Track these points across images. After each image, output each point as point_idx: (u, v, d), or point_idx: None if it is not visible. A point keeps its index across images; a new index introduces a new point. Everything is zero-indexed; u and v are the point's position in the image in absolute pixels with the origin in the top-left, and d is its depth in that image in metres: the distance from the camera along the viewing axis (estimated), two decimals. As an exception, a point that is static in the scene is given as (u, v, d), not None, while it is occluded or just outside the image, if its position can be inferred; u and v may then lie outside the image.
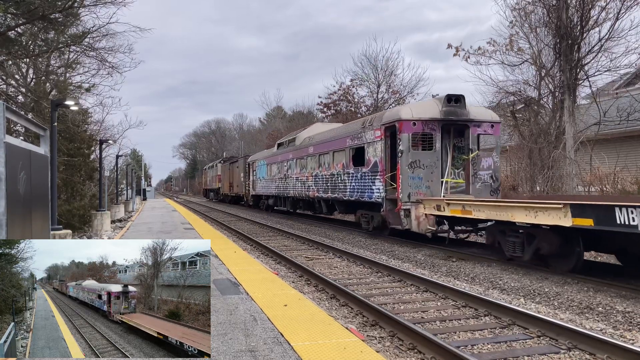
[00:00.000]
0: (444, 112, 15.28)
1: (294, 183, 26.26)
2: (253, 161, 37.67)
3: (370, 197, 16.95)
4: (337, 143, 20.26)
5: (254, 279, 8.76)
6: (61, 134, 22.15)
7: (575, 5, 19.60)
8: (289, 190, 27.09)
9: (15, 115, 8.18)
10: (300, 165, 25.23)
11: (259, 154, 37.88)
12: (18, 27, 17.74)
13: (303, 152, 24.82)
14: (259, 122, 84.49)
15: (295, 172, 26.06)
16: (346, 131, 19.93)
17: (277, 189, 29.76)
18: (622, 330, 6.68)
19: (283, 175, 28.36)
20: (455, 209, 12.21)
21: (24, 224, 7.09)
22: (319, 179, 22.16)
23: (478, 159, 15.53)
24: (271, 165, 31.45)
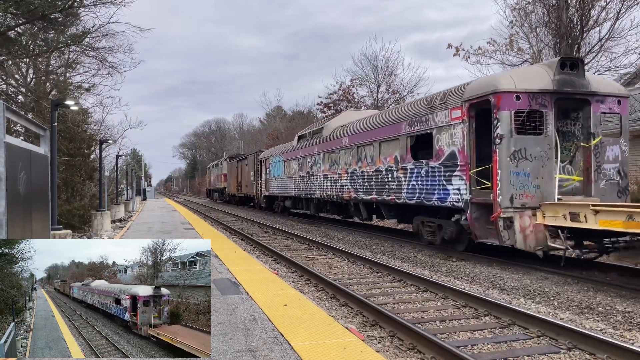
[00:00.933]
0: (558, 82, 11.21)
1: (320, 182, 22.08)
2: (266, 158, 33.18)
3: (443, 200, 12.80)
4: (386, 131, 16.09)
5: (254, 278, 8.76)
6: (61, 134, 22.15)
7: (575, 5, 19.61)
8: (314, 190, 22.97)
9: (15, 115, 8.18)
10: (329, 160, 21.11)
11: (274, 149, 33.41)
12: (18, 27, 17.73)
13: (334, 144, 20.60)
14: (259, 122, 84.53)
15: (322, 169, 21.91)
16: (401, 115, 15.46)
17: (298, 188, 25.56)
18: (622, 330, 6.68)
19: (305, 173, 24.17)
20: (612, 219, 8.74)
21: (24, 224, 7.09)
22: (357, 177, 18.12)
23: (602, 147, 11.63)
24: (289, 162, 27.28)
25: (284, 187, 28.56)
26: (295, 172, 26.13)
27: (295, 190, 26.19)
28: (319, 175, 22.34)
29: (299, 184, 25.27)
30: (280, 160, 29.15)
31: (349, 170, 18.90)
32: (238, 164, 44.22)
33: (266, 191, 33.03)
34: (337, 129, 21.28)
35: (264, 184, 33.71)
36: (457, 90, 12.79)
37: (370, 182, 17.17)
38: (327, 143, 21.52)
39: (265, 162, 33.04)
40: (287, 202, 28.42)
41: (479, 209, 11.68)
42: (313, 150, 23.26)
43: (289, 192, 27.50)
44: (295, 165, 26.08)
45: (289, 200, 28.14)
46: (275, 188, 30.65)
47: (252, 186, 38.15)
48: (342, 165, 19.62)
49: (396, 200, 15.41)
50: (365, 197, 17.58)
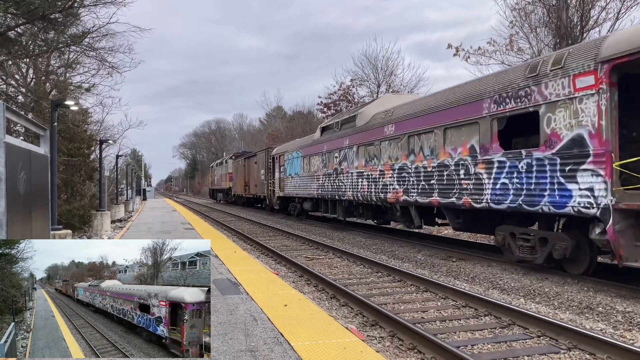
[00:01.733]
0: None
1: (353, 181, 18.51)
2: (280, 154, 29.45)
3: (560, 205, 9.36)
4: (456, 112, 12.37)
5: (254, 279, 8.76)
6: (61, 134, 22.16)
7: (575, 5, 19.62)
8: (343, 190, 19.31)
9: (15, 115, 8.18)
10: (366, 154, 17.60)
11: (290, 144, 29.48)
12: (18, 27, 17.74)
13: (372, 134, 17.00)
14: (259, 122, 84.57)
15: (355, 165, 18.38)
16: (480, 90, 11.73)
17: (321, 189, 21.88)
18: (622, 330, 6.68)
19: (332, 171, 20.63)
20: None
21: (24, 224, 7.09)
22: (409, 175, 14.43)
23: None
24: (310, 158, 23.63)
25: (302, 186, 24.77)
26: (317, 169, 22.48)
27: (318, 191, 22.41)
28: (350, 172, 18.77)
29: (323, 184, 21.64)
30: (299, 157, 25.38)
31: (395, 165, 15.30)
32: (246, 162, 40.40)
33: (280, 191, 29.19)
34: (377, 115, 17.29)
35: (277, 183, 29.87)
36: (584, 48, 9.22)
37: (429, 181, 13.43)
38: (362, 134, 17.81)
39: (279, 159, 29.41)
40: (307, 204, 25.05)
41: (627, 218, 8.29)
42: (342, 143, 19.61)
43: (309, 192, 23.81)
44: (318, 161, 22.43)
45: (308, 202, 24.84)
46: (291, 188, 26.86)
47: (262, 186, 34.17)
48: (384, 160, 16.07)
49: (473, 204, 11.66)
50: (422, 200, 13.75)
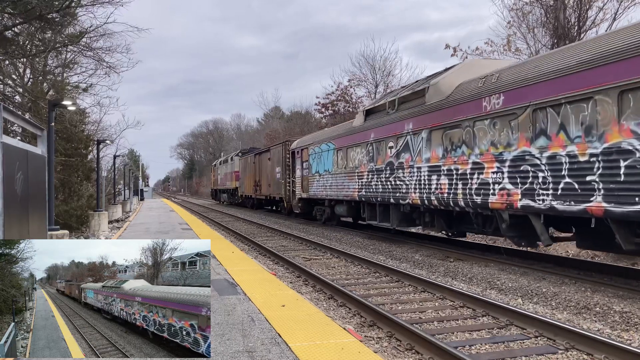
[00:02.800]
0: None
1: (422, 178, 13.62)
2: (302, 148, 24.54)
3: None
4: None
5: (251, 279, 8.76)
6: (58, 134, 22.12)
7: (572, 5, 19.67)
8: (404, 191, 14.47)
9: (13, 115, 8.17)
10: (446, 141, 12.63)
11: (316, 135, 24.57)
12: (15, 26, 17.71)
13: (459, 112, 12.10)
14: (257, 123, 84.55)
15: (426, 157, 13.44)
16: None
17: (366, 189, 17.04)
18: (619, 330, 6.70)
19: (384, 165, 15.77)
20: None
21: (21, 224, 7.08)
22: (538, 167, 9.79)
23: None
24: (347, 151, 18.83)
25: (335, 186, 19.88)
26: (359, 164, 17.69)
27: (360, 192, 17.53)
28: (416, 167, 13.89)
29: (369, 182, 16.85)
30: (329, 150, 20.59)
31: (505, 155, 10.70)
32: (256, 159, 35.58)
33: (302, 192, 24.11)
34: (466, 86, 12.19)
35: (298, 182, 24.87)
36: None
37: (582, 177, 8.80)
38: (438, 113, 12.89)
39: (301, 153, 24.38)
40: (340, 207, 20.25)
41: None
42: (402, 128, 14.65)
43: (345, 193, 18.88)
44: (361, 154, 17.60)
45: (342, 206, 20.00)
46: (318, 188, 21.89)
47: (278, 186, 29.29)
48: (482, 147, 11.41)
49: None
50: (564, 206, 9.16)
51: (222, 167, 53.13)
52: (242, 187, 41.60)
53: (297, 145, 25.89)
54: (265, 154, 33.35)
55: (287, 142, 28.40)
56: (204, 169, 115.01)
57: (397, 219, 15.59)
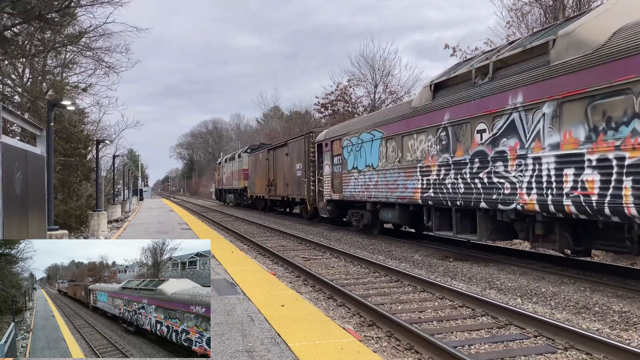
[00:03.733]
0: None
1: (541, 173, 9.65)
2: (332, 139, 20.17)
3: None
4: None
5: (251, 279, 8.76)
6: (58, 134, 22.12)
7: (571, 5, 19.68)
8: (509, 192, 10.46)
9: (12, 115, 8.17)
10: (593, 117, 8.62)
11: (352, 123, 20.18)
12: (14, 26, 17.71)
13: (622, 69, 8.01)
14: (256, 123, 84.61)
15: (550, 143, 9.47)
16: None
17: (435, 188, 12.93)
18: (618, 330, 6.70)
19: (468, 158, 11.70)
20: None
21: (20, 224, 7.09)
22: None
23: None
24: (403, 139, 14.67)
25: (383, 186, 15.84)
26: (424, 155, 13.44)
27: (426, 193, 13.25)
28: (532, 157, 9.88)
29: (441, 180, 12.61)
30: (374, 139, 16.40)
31: None
32: (270, 155, 31.53)
33: (333, 193, 19.86)
34: (630, 31, 8.26)
35: (327, 181, 20.53)
36: None
37: None
38: (580, 75, 8.85)
39: (331, 146, 20.19)
40: (389, 212, 15.88)
41: None
42: (502, 102, 10.71)
43: (401, 194, 14.61)
44: (426, 142, 13.37)
45: (392, 210, 15.64)
46: (356, 188, 17.71)
47: (297, 185, 25.28)
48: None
49: None
50: None
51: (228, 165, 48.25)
52: (252, 187, 37.51)
53: (325, 136, 21.18)
54: (281, 149, 28.99)
55: (311, 133, 23.88)
56: (203, 169, 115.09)
57: (488, 230, 11.46)
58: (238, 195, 43.99)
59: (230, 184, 46.63)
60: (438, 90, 13.32)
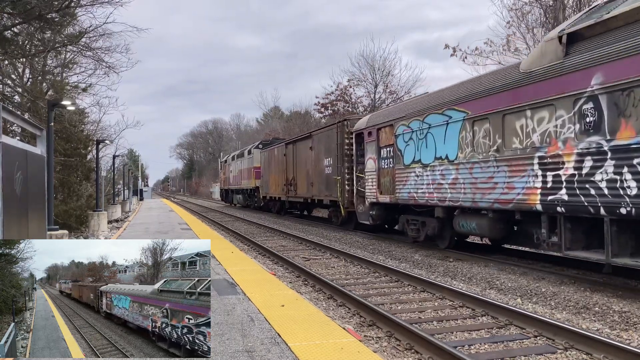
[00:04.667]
0: None
1: None
2: (380, 126, 16.22)
3: None
4: None
5: (251, 279, 8.76)
6: (58, 134, 22.13)
7: (572, 5, 19.69)
8: None
9: (12, 115, 8.17)
10: None
11: (410, 104, 15.53)
12: (14, 26, 17.71)
13: None
14: (256, 123, 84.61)
15: None
16: None
17: (568, 189, 8.93)
18: (618, 330, 6.70)
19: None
20: None
21: (20, 224, 7.09)
22: None
23: None
24: (505, 119, 10.64)
25: (463, 186, 11.93)
26: (544, 141, 9.65)
27: (554, 195, 9.30)
28: None
29: (586, 176, 8.62)
30: (449, 123, 12.46)
31: None
32: (290, 150, 27.49)
33: (380, 194, 16.06)
34: None
35: (371, 179, 16.67)
36: None
37: None
38: None
39: (377, 135, 16.27)
40: (473, 221, 11.94)
41: None
42: None
43: (499, 197, 10.79)
44: (552, 121, 9.43)
45: (481, 219, 11.68)
46: (418, 188, 13.81)
47: (326, 185, 21.42)
48: None
49: None
50: None
51: (236, 163, 43.91)
52: (265, 187, 33.55)
53: (368, 123, 17.20)
54: (303, 142, 25.01)
55: (346, 120, 19.98)
56: (203, 169, 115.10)
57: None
58: (247, 196, 40.16)
59: (239, 184, 42.50)
60: (574, 44, 9.14)
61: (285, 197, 28.18)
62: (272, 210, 33.57)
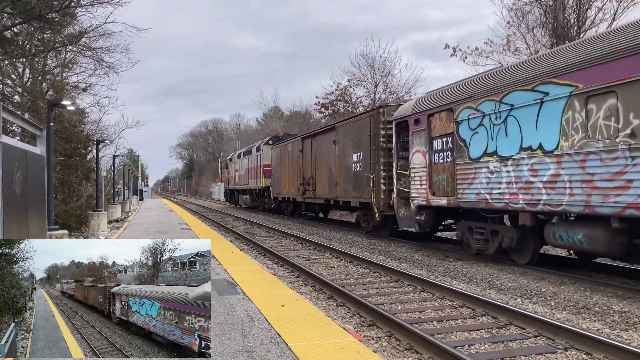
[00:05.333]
0: None
1: None
2: (433, 111, 13.24)
3: None
4: None
5: (251, 279, 8.76)
6: (58, 134, 22.13)
7: (572, 5, 19.69)
8: None
9: (12, 115, 8.17)
10: None
11: (477, 81, 12.10)
12: (14, 26, 17.71)
13: None
14: (256, 123, 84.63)
15: None
16: None
17: None
18: (618, 330, 6.70)
19: None
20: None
21: (20, 224, 7.09)
22: None
23: None
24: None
25: (569, 185, 9.08)
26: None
27: None
28: None
29: None
30: (544, 101, 9.68)
31: None
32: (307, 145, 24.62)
33: (432, 195, 13.22)
34: None
35: (418, 177, 13.87)
36: None
37: None
38: None
39: (427, 123, 13.37)
40: (580, 231, 9.17)
41: None
42: None
43: (630, 202, 7.87)
44: None
45: (591, 230, 9.00)
46: (492, 188, 11.03)
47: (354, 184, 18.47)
48: None
49: None
50: None
51: (242, 161, 40.74)
52: (276, 187, 30.55)
53: (414, 109, 14.06)
54: (325, 136, 22.03)
55: (382, 108, 16.80)
56: (203, 169, 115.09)
57: None
58: (256, 196, 37.10)
59: (246, 183, 39.28)
60: None
61: (301, 197, 25.41)
62: (284, 212, 30.74)
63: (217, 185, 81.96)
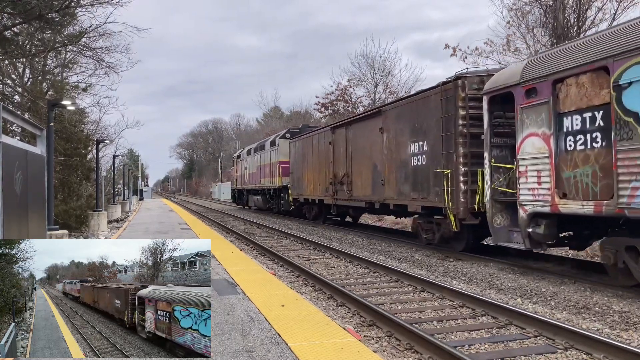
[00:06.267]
0: None
1: None
2: (565, 74, 8.81)
3: None
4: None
5: (251, 279, 8.76)
6: (58, 134, 22.13)
7: (571, 5, 19.67)
8: None
9: (12, 115, 8.17)
10: None
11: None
12: (15, 26, 17.72)
13: None
14: (256, 123, 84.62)
15: None
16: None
17: None
18: (618, 330, 6.70)
19: None
20: None
21: (20, 224, 7.09)
22: None
23: None
24: None
25: None
26: None
27: None
28: None
29: None
30: None
31: None
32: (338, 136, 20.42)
33: (560, 199, 8.95)
34: None
35: (532, 173, 9.64)
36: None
37: None
38: None
39: (553, 93, 9.12)
40: None
41: None
42: None
43: None
44: None
45: None
46: None
47: (413, 183, 14.39)
48: None
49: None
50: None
51: (253, 157, 35.76)
52: (297, 186, 26.13)
53: (529, 73, 9.77)
54: (366, 123, 17.89)
55: (460, 78, 12.21)
56: (203, 169, 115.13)
57: None
58: (269, 197, 32.22)
59: (257, 182, 34.47)
60: None
61: (331, 199, 20.90)
62: (306, 216, 25.94)
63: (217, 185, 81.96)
